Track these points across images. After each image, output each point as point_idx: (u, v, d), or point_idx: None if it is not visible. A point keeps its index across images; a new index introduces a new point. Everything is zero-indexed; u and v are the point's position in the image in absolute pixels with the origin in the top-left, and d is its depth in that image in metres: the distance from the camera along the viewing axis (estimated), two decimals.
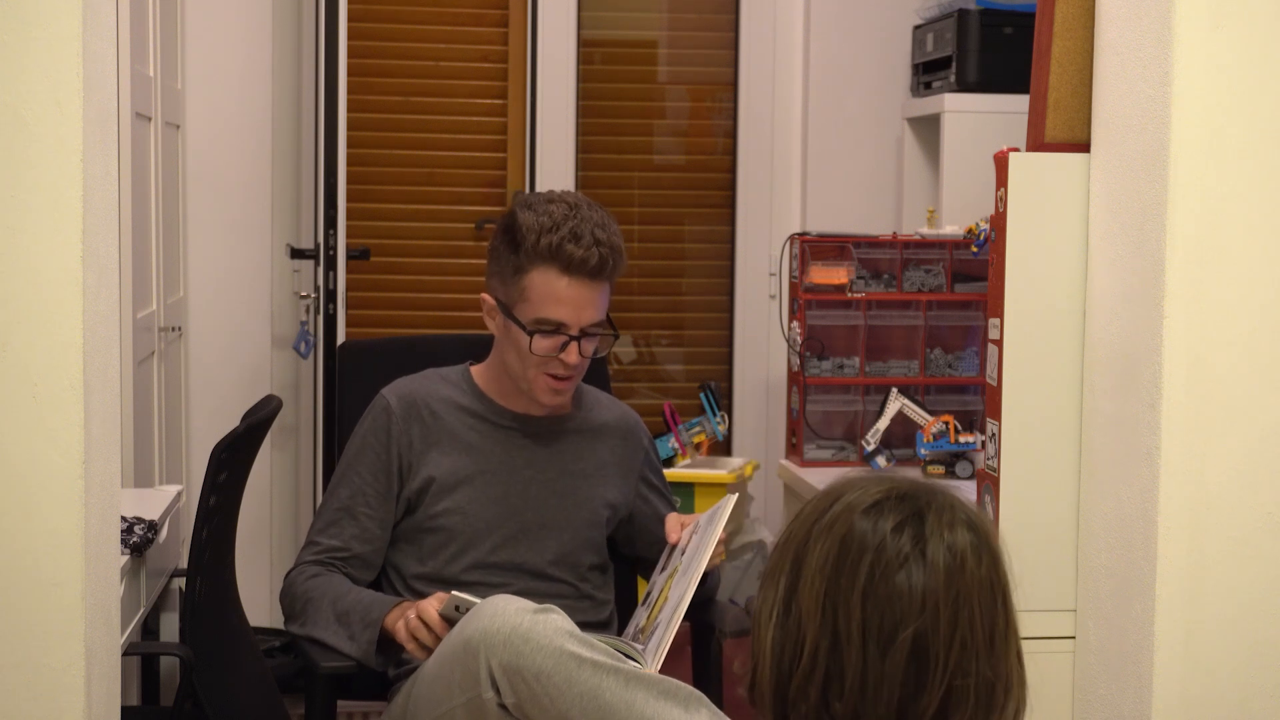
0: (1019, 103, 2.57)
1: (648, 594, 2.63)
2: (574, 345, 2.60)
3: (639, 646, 2.37)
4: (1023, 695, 1.43)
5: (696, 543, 2.51)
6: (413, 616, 2.44)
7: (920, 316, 3.85)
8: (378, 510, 2.68)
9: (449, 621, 2.39)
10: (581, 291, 2.58)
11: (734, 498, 2.56)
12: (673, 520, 2.65)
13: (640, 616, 2.56)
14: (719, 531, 2.47)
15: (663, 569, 2.62)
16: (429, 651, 2.40)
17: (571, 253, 2.56)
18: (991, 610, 1.39)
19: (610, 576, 2.80)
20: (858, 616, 1.37)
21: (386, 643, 2.52)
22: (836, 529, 1.40)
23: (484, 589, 2.56)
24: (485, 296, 2.69)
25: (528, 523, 2.69)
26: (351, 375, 3.04)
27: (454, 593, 2.40)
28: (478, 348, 2.79)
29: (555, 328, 2.60)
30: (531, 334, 2.60)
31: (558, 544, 2.69)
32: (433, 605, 2.43)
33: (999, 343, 2.37)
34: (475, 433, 2.71)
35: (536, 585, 2.64)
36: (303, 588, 2.65)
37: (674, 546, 2.61)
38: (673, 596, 2.44)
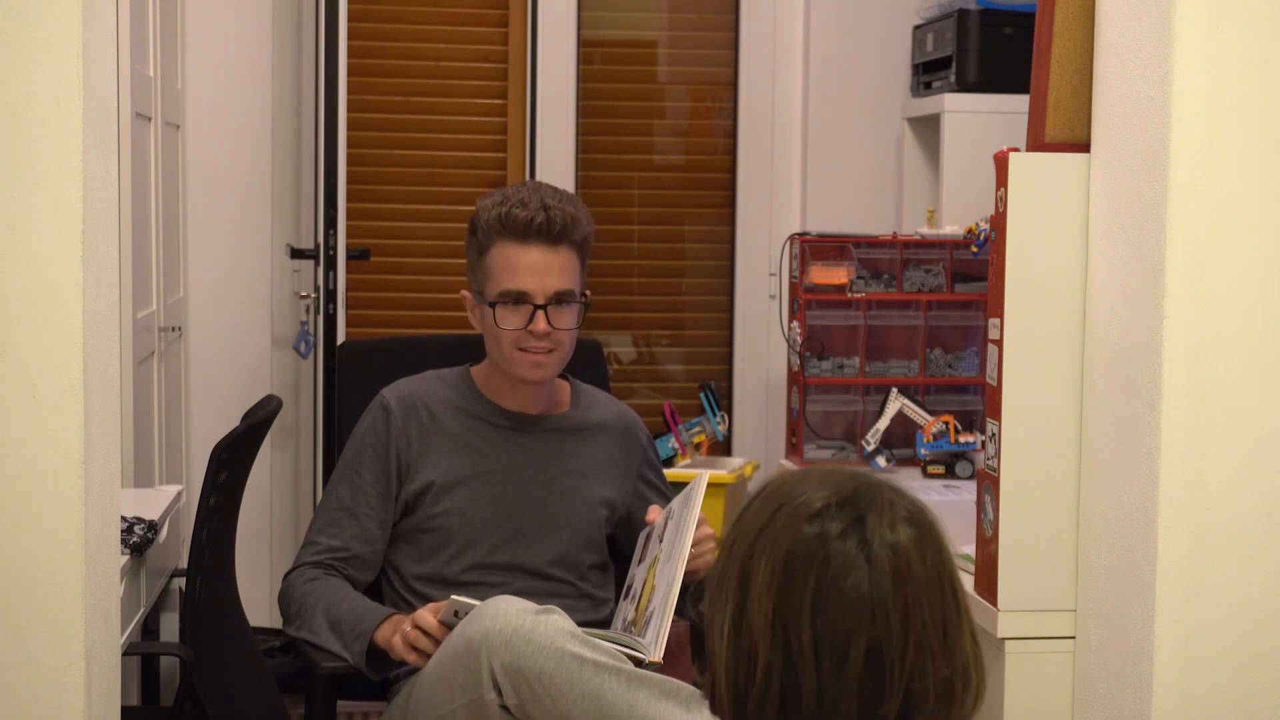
0: (1019, 103, 2.57)
1: (628, 587, 2.62)
2: (540, 315, 2.59)
3: (641, 640, 2.36)
4: (982, 679, 1.41)
5: (675, 527, 2.50)
6: (409, 629, 2.41)
7: (920, 316, 3.85)
8: (378, 510, 2.67)
9: (448, 627, 2.38)
10: (539, 257, 2.59)
11: (705, 477, 2.53)
12: (653, 510, 2.65)
13: (626, 610, 2.55)
14: (696, 513, 2.45)
15: (640, 560, 2.61)
16: (429, 658, 2.40)
17: (518, 216, 2.58)
18: (941, 605, 1.38)
19: (610, 575, 2.80)
20: (808, 632, 1.35)
21: (380, 653, 2.51)
22: (781, 542, 1.38)
23: (483, 589, 2.55)
24: (463, 293, 2.72)
25: (526, 523, 2.68)
26: (351, 375, 3.04)
27: (453, 597, 2.40)
28: (478, 347, 2.78)
29: (519, 298, 2.60)
30: (494, 305, 2.61)
31: (556, 544, 2.69)
32: (430, 613, 2.42)
33: (999, 343, 2.37)
34: (473, 433, 2.70)
35: (536, 585, 2.64)
36: (300, 591, 2.64)
37: (649, 536, 2.60)
38: (661, 584, 2.43)
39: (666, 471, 2.96)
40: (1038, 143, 2.40)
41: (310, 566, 2.66)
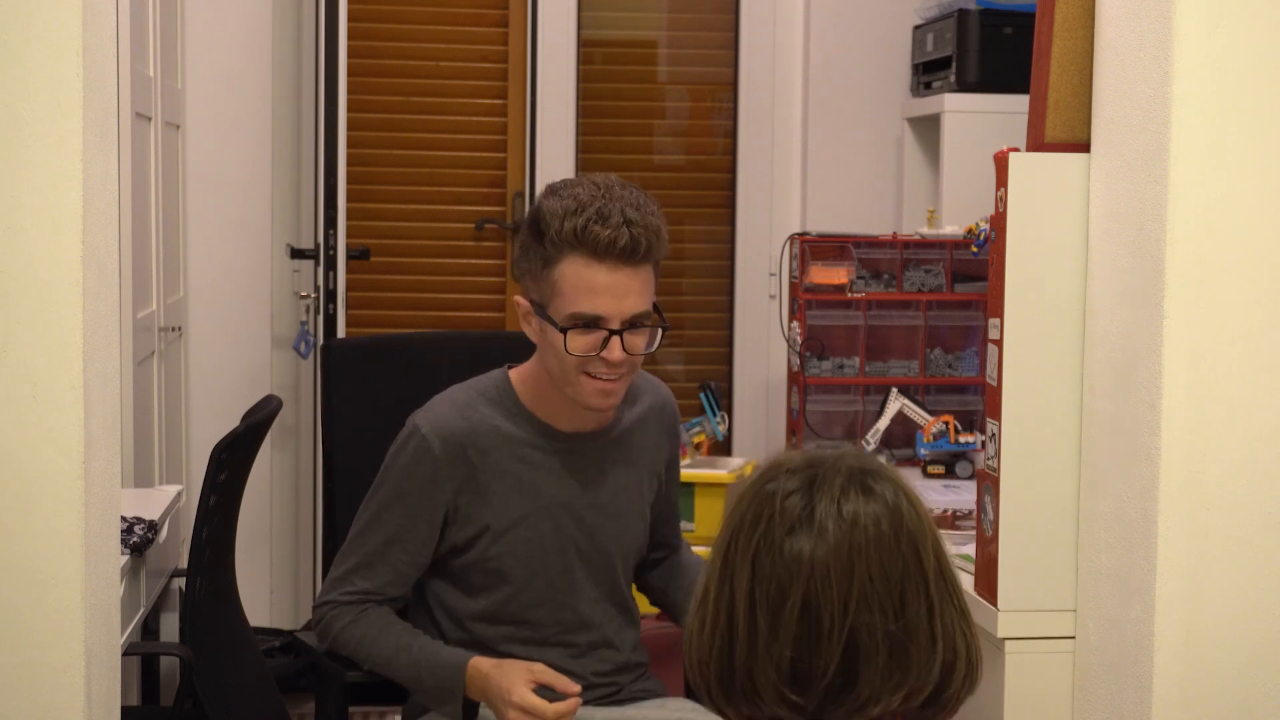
0: (1019, 103, 2.56)
1: None
2: (615, 341, 2.32)
3: None
4: (959, 651, 1.44)
5: None
6: (514, 716, 2.31)
7: (920, 316, 3.85)
8: (416, 555, 2.49)
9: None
10: (617, 278, 2.31)
11: None
12: None
13: None
14: None
15: None
16: None
17: (598, 235, 2.29)
18: (895, 564, 1.41)
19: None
20: (746, 584, 1.41)
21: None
22: (742, 501, 1.46)
23: (533, 628, 2.48)
24: (519, 299, 2.43)
25: (583, 553, 2.51)
26: (339, 375, 2.97)
27: (539, 683, 2.33)
28: (470, 346, 2.73)
29: (592, 322, 2.33)
30: (565, 331, 2.33)
31: (607, 575, 2.54)
32: (527, 688, 2.32)
33: (999, 343, 2.37)
34: (527, 465, 2.46)
35: (577, 635, 2.53)
36: (355, 634, 2.48)
37: None
38: None
39: None
40: (1038, 143, 2.39)
41: (346, 606, 2.49)
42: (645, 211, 2.35)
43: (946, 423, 3.57)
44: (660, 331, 2.40)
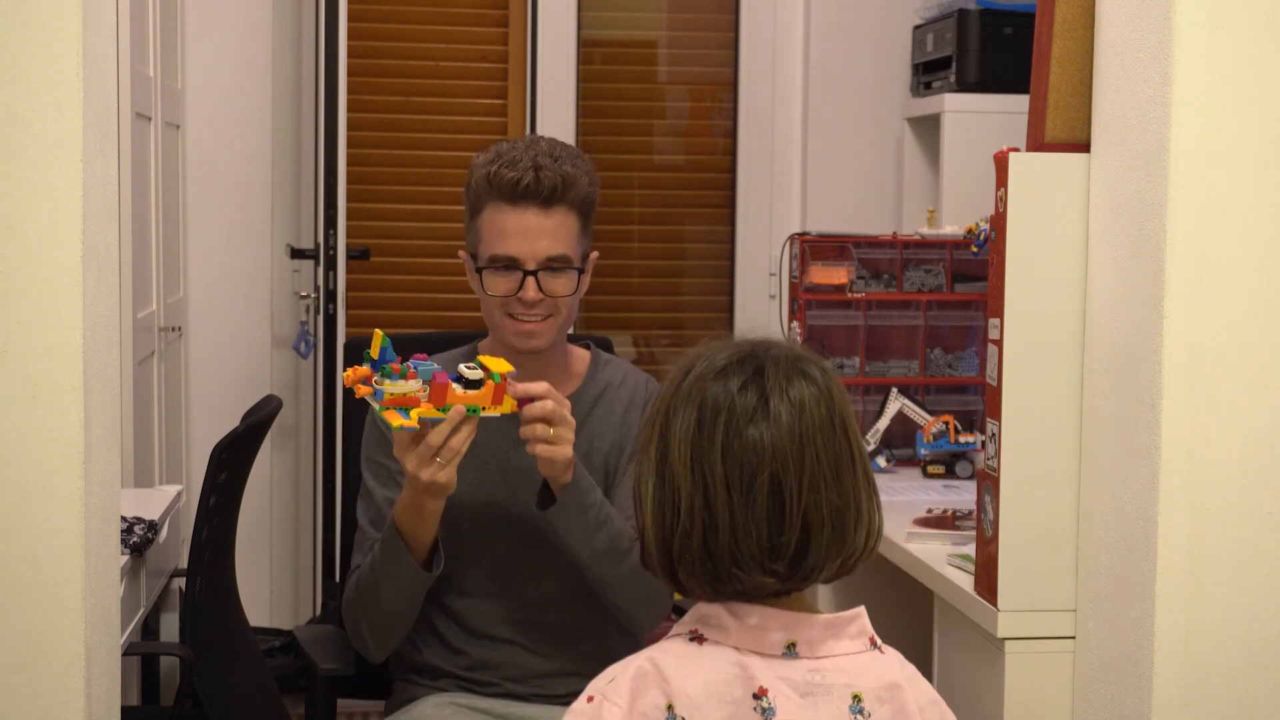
0: (1019, 103, 2.56)
1: None
2: (530, 281, 2.41)
3: None
4: (874, 521, 1.64)
5: None
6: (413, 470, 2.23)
7: (920, 316, 3.85)
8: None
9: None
10: (529, 220, 2.42)
11: None
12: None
13: None
14: None
15: None
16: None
17: (505, 176, 2.41)
18: (833, 444, 1.61)
19: None
20: (720, 470, 1.58)
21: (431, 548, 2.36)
22: (693, 397, 1.61)
23: (510, 599, 2.45)
24: (461, 254, 2.57)
25: (524, 537, 2.48)
26: None
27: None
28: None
29: (511, 264, 2.43)
30: (481, 271, 2.46)
31: (554, 566, 2.48)
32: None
33: (999, 343, 2.37)
34: (485, 430, 2.40)
35: (537, 614, 2.49)
36: (355, 594, 2.42)
37: None
38: None
39: None
40: (1038, 143, 2.39)
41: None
42: (562, 160, 2.44)
43: (946, 423, 3.57)
44: (578, 275, 2.46)
